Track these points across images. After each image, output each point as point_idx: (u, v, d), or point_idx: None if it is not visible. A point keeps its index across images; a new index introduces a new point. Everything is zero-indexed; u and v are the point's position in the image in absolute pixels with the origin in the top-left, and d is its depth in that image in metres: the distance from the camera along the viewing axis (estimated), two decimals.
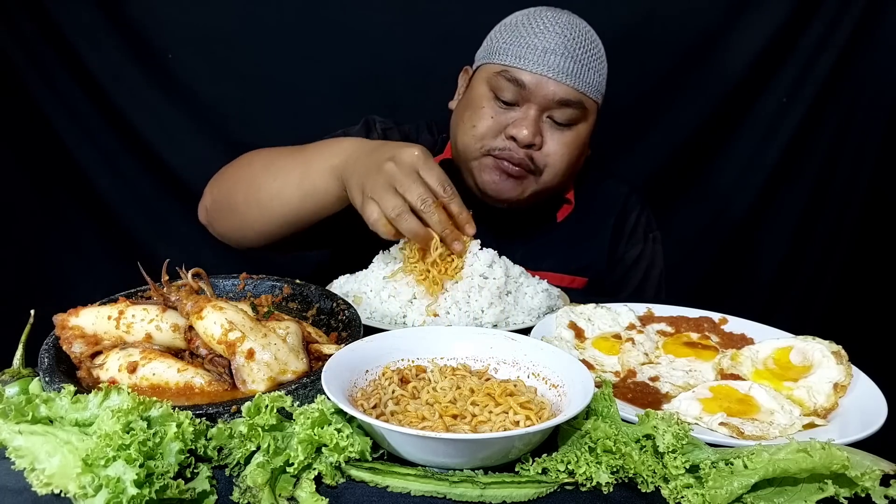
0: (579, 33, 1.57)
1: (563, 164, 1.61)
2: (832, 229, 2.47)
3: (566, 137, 1.59)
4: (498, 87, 1.57)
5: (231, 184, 1.57)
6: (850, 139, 2.38)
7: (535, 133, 1.55)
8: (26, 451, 0.72)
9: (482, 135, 1.59)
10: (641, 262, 1.82)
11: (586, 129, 1.63)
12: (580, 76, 1.55)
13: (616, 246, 1.82)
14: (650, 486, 0.76)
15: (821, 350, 1.06)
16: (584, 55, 1.56)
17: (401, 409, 0.84)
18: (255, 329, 0.93)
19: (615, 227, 1.82)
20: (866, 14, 2.24)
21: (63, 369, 0.92)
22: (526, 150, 1.57)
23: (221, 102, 2.32)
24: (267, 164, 1.50)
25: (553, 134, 1.59)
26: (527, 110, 1.56)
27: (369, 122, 1.80)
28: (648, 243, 1.84)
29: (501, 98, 1.57)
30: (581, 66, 1.55)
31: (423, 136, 1.86)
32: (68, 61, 2.22)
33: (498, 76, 1.56)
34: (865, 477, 0.71)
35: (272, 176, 1.46)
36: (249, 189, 1.50)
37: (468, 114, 1.62)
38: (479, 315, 1.24)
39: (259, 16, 2.24)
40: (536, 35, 1.55)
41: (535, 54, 1.53)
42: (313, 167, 1.39)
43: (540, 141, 1.57)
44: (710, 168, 2.45)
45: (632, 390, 1.03)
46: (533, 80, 1.53)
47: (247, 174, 1.54)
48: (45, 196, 2.32)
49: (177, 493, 0.69)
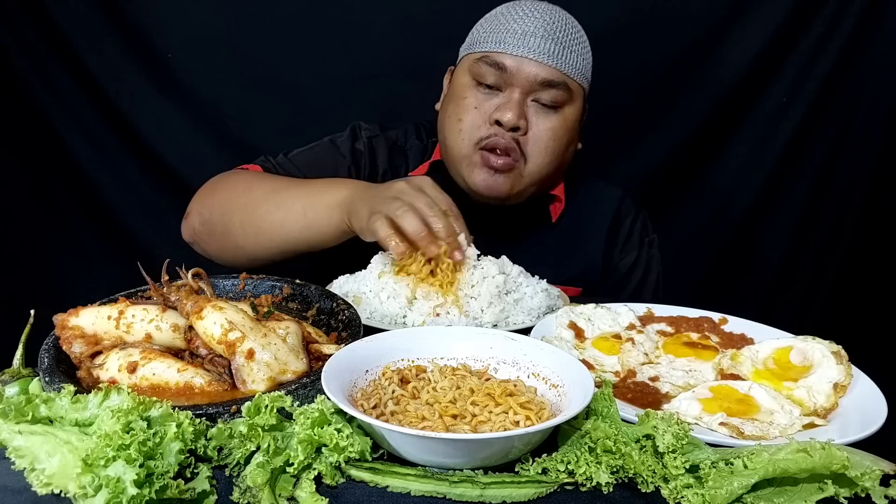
0: (559, 18, 1.56)
1: (550, 149, 1.58)
2: (832, 229, 2.47)
3: (552, 121, 1.57)
4: (480, 74, 1.56)
5: (225, 207, 1.53)
6: (850, 139, 2.38)
7: (519, 115, 1.52)
8: (26, 451, 0.72)
9: (468, 127, 1.57)
10: (637, 270, 1.79)
11: (573, 113, 1.60)
12: (562, 57, 1.53)
13: (610, 254, 1.79)
14: (650, 486, 0.76)
15: (821, 350, 1.05)
16: (566, 38, 1.54)
17: (401, 409, 0.84)
18: (255, 329, 0.93)
19: (609, 235, 1.79)
20: (866, 14, 2.24)
21: (63, 369, 0.92)
22: (512, 133, 1.54)
23: (221, 102, 2.32)
24: (268, 193, 1.49)
25: (539, 118, 1.56)
26: (510, 94, 1.54)
27: (355, 128, 1.77)
28: (644, 248, 1.80)
29: (484, 83, 1.56)
30: (562, 47, 1.53)
31: (412, 141, 1.82)
32: (68, 61, 2.22)
33: (479, 62, 1.55)
34: (865, 477, 0.71)
35: (275, 206, 1.46)
36: (250, 217, 1.48)
37: (452, 107, 1.61)
38: (479, 315, 1.24)
39: (259, 16, 2.24)
40: (516, 21, 1.54)
41: (515, 37, 1.52)
42: (318, 200, 1.41)
43: (525, 125, 1.54)
44: (709, 168, 2.45)
45: (632, 390, 1.03)
46: (514, 63, 1.52)
47: (246, 201, 1.51)
48: (45, 196, 2.32)
49: (177, 493, 0.69)
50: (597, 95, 1.70)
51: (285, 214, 1.44)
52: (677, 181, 2.46)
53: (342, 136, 1.76)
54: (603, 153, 2.40)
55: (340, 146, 1.74)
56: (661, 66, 2.33)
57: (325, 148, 1.74)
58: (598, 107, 1.76)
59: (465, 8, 1.66)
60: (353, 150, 1.74)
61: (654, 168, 2.44)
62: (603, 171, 2.36)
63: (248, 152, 2.32)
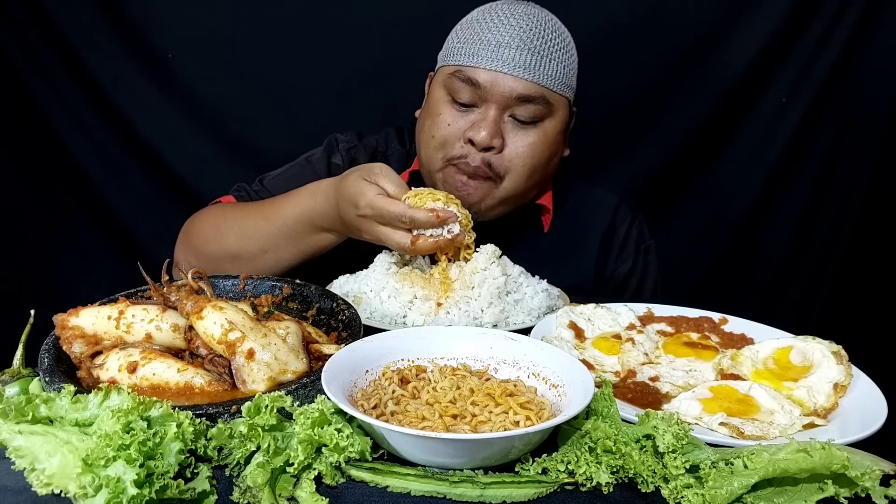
0: (537, 23, 1.47)
1: (528, 166, 1.50)
2: (832, 229, 2.47)
3: (531, 137, 1.49)
4: (454, 90, 1.48)
5: (211, 257, 1.50)
6: (850, 139, 2.38)
7: (493, 134, 1.45)
8: (26, 451, 0.72)
9: (440, 144, 1.51)
10: (633, 278, 1.73)
11: (554, 126, 1.52)
12: (540, 69, 1.44)
13: (604, 264, 1.73)
14: (650, 486, 0.76)
15: (821, 350, 1.06)
16: (544, 46, 1.45)
17: (401, 409, 0.84)
18: (255, 329, 0.93)
19: (603, 244, 1.72)
20: (866, 14, 2.23)
21: (63, 369, 0.92)
22: (484, 153, 1.47)
23: (221, 102, 2.32)
24: (244, 236, 1.46)
25: (516, 134, 1.48)
26: (486, 111, 1.46)
27: (332, 142, 1.73)
28: (640, 255, 1.75)
29: (458, 101, 1.49)
30: (540, 57, 1.44)
31: (393, 147, 1.77)
32: (68, 61, 2.22)
33: (452, 77, 1.48)
34: (865, 477, 0.71)
35: (260, 248, 1.44)
36: (239, 262, 1.46)
37: (427, 122, 1.55)
38: (479, 315, 1.24)
39: (259, 16, 2.24)
40: (490, 30, 1.46)
41: (489, 50, 1.44)
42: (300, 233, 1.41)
43: (500, 143, 1.47)
44: (710, 168, 2.45)
45: (632, 390, 1.03)
46: (489, 78, 1.44)
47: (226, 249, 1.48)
48: (45, 196, 2.32)
49: (177, 493, 0.69)
50: (597, 95, 1.69)
51: (278, 258, 1.44)
52: (677, 181, 2.46)
53: (317, 152, 1.72)
54: (603, 153, 2.40)
55: (315, 164, 1.69)
56: (661, 65, 2.33)
57: (300, 167, 1.69)
58: (598, 107, 1.76)
59: (465, 8, 1.66)
60: (329, 166, 1.69)
61: (654, 168, 2.44)
62: (603, 171, 2.38)
63: (248, 152, 2.34)
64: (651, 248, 1.78)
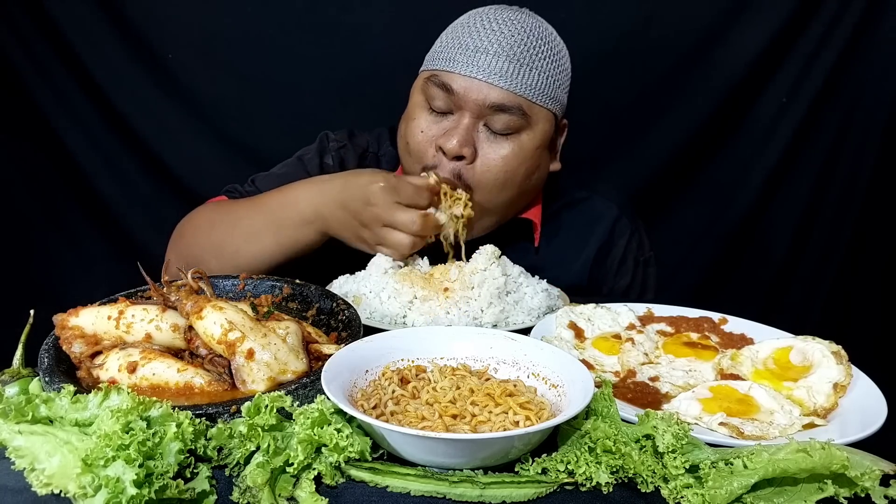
0: (522, 31, 1.40)
1: (499, 180, 1.43)
2: (832, 229, 2.47)
3: (504, 149, 1.41)
4: (430, 95, 1.43)
5: (197, 252, 1.49)
6: (850, 139, 2.38)
7: (463, 143, 1.38)
8: (26, 451, 0.72)
9: (415, 153, 1.46)
10: (631, 294, 1.69)
11: (532, 139, 1.43)
12: (518, 77, 1.37)
13: (597, 277, 1.66)
14: (650, 486, 0.76)
15: (821, 350, 1.06)
16: (525, 54, 1.38)
17: (401, 409, 0.84)
18: (254, 329, 0.93)
19: (598, 257, 1.66)
20: (866, 14, 2.24)
21: (63, 369, 0.92)
22: (455, 163, 1.41)
23: (221, 102, 2.32)
24: (231, 226, 1.46)
25: (490, 145, 1.41)
26: (459, 118, 1.41)
27: (323, 140, 1.70)
28: (639, 269, 1.69)
29: (434, 107, 1.44)
30: (520, 66, 1.37)
31: (385, 148, 1.73)
32: (68, 61, 2.22)
33: (428, 82, 1.43)
34: (865, 477, 0.71)
35: (244, 239, 1.44)
36: (222, 255, 1.45)
37: (405, 126, 1.51)
38: (479, 315, 1.24)
39: (259, 16, 2.24)
40: (471, 35, 1.40)
41: (466, 55, 1.38)
42: (286, 223, 1.41)
43: (471, 153, 1.40)
44: (710, 168, 2.45)
45: (632, 390, 1.03)
46: (463, 84, 1.38)
47: (213, 241, 1.48)
48: (45, 196, 2.32)
49: (176, 493, 0.69)
50: (597, 96, 1.69)
51: (260, 248, 1.43)
52: (678, 181, 2.47)
53: (310, 151, 1.70)
54: (603, 154, 2.40)
55: (308, 163, 1.68)
56: (661, 66, 2.33)
57: (292, 167, 1.68)
58: (598, 107, 1.75)
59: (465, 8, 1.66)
60: (321, 166, 1.67)
61: (655, 168, 2.44)
62: (603, 171, 2.38)
63: (248, 152, 2.34)
64: (650, 261, 1.73)
